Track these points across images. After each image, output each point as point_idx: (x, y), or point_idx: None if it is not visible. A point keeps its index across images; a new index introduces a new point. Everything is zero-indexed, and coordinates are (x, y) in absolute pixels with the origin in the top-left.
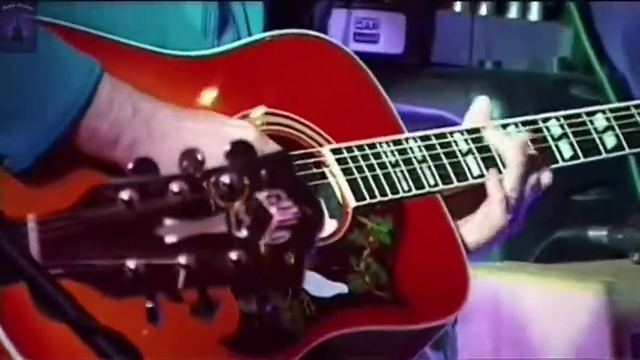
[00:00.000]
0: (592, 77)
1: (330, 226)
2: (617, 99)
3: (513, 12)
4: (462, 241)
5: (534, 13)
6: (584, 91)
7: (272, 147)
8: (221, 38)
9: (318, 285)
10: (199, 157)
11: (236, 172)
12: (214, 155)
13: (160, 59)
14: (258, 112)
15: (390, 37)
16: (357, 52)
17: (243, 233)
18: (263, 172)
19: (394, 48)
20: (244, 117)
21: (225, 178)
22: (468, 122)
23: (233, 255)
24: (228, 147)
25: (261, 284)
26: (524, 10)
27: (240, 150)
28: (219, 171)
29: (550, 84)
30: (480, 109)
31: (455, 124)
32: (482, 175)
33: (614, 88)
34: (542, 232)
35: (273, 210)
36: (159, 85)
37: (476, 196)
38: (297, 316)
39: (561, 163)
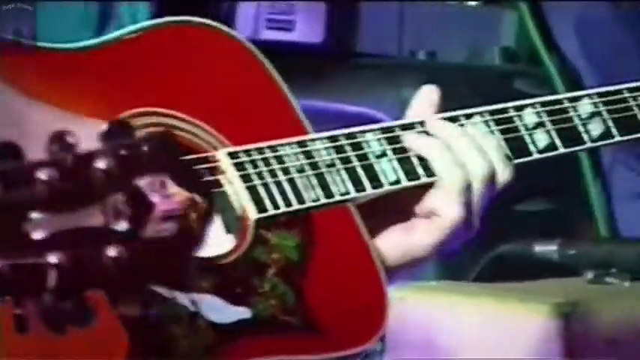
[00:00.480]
0: (539, 69)
1: (228, 242)
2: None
3: None
4: (396, 257)
5: None
6: (530, 84)
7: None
8: (104, 30)
9: (216, 310)
10: (70, 139)
11: (113, 155)
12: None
13: (39, 53)
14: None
15: (307, 24)
16: (269, 42)
17: (123, 226)
18: (144, 154)
19: (312, 37)
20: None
21: (101, 163)
22: (410, 116)
23: (111, 251)
24: (104, 127)
25: (145, 283)
26: None
27: (117, 131)
28: (93, 155)
29: (491, 77)
30: (426, 101)
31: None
32: (398, 181)
33: (564, 81)
34: (482, 248)
35: (155, 198)
36: (38, 81)
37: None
38: (194, 346)
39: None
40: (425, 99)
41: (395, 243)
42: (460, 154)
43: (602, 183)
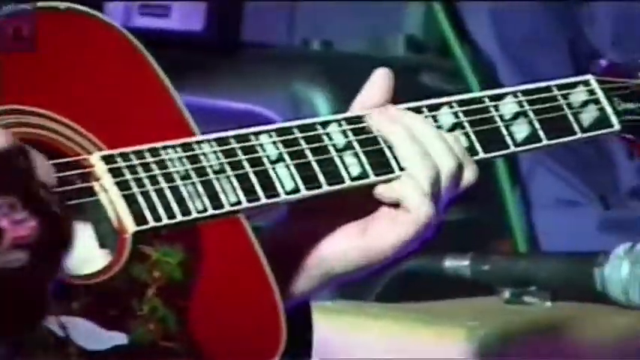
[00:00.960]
0: (449, 61)
1: (102, 258)
2: (482, 89)
3: None
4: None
5: None
6: (439, 78)
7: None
8: None
9: (89, 335)
10: None
11: None
12: None
13: None
14: None
15: (185, 9)
16: (142, 30)
17: None
18: None
19: (191, 23)
20: None
21: None
22: (357, 107)
23: None
24: None
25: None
26: None
27: None
28: None
29: (395, 69)
30: (378, 89)
31: (271, 122)
32: (296, 190)
33: (478, 75)
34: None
35: (4, 223)
36: None
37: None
38: None
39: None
40: (376, 87)
41: (350, 244)
42: (427, 145)
43: (520, 189)
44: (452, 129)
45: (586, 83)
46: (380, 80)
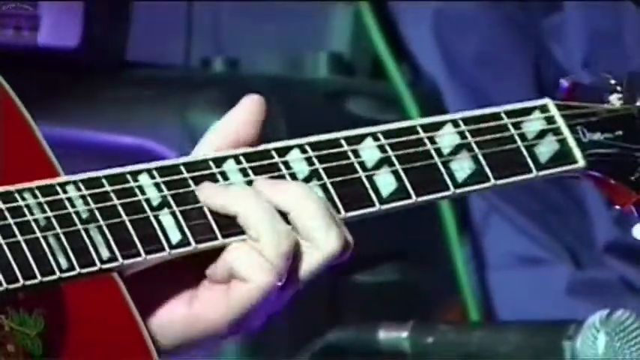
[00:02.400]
0: (382, 84)
1: None
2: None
3: None
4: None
5: None
6: (369, 105)
7: None
8: None
9: None
10: None
11: None
12: None
13: None
14: None
15: (57, 21)
16: (5, 46)
17: None
18: None
19: (65, 38)
20: None
21: None
22: (207, 144)
23: None
24: None
25: None
26: None
27: None
28: None
29: (315, 94)
30: (246, 117)
31: (164, 159)
32: (186, 243)
33: (418, 101)
34: (307, 333)
35: None
36: None
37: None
38: None
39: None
40: (245, 114)
41: (176, 313)
42: (301, 219)
43: (470, 244)
44: (377, 167)
45: (543, 109)
46: (245, 109)
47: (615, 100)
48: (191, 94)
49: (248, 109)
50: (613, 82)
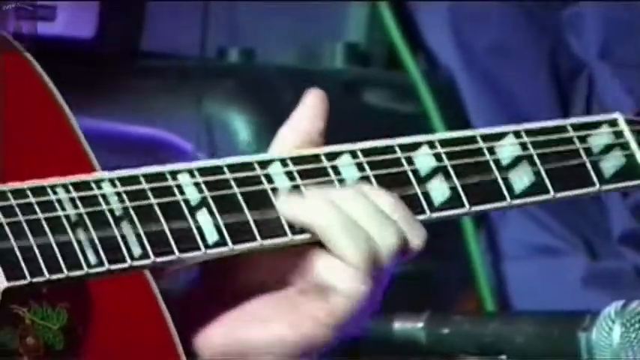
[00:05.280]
0: (399, 76)
1: None
2: (440, 110)
3: None
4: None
5: None
6: (385, 96)
7: None
8: None
9: None
10: None
11: None
12: None
13: None
14: None
15: (73, 11)
16: (20, 35)
17: None
18: None
19: (80, 29)
20: None
21: None
22: (280, 143)
23: None
24: None
25: None
26: None
27: None
28: None
29: (331, 85)
30: (310, 116)
31: (179, 150)
32: (222, 243)
33: (434, 92)
34: None
35: None
36: None
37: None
38: None
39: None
40: (308, 114)
41: (277, 337)
42: (360, 219)
43: (486, 235)
44: (431, 175)
45: (612, 123)
46: (313, 105)
47: None
48: (207, 85)
49: (313, 104)
50: None
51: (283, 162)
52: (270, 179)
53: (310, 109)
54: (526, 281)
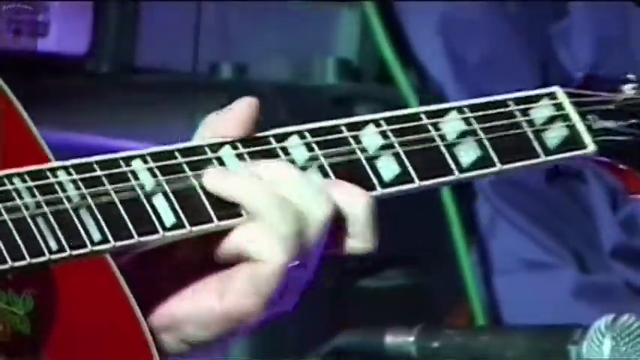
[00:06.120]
0: (390, 90)
1: None
2: None
3: None
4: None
5: None
6: (377, 110)
7: None
8: None
9: None
10: None
11: None
12: None
13: None
14: None
15: (67, 28)
16: (16, 52)
17: None
18: None
19: (73, 45)
20: None
21: None
22: (205, 132)
23: None
24: None
25: None
26: None
27: None
28: None
29: (322, 100)
30: (235, 122)
31: None
32: (180, 225)
33: (425, 106)
34: (316, 337)
35: None
36: None
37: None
38: None
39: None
40: (234, 120)
41: (206, 307)
42: (288, 192)
43: (477, 249)
44: (379, 151)
45: (552, 96)
46: (241, 112)
47: (630, 90)
48: (199, 100)
49: (240, 111)
50: (630, 75)
51: (233, 145)
52: (221, 161)
53: (235, 117)
54: (517, 295)
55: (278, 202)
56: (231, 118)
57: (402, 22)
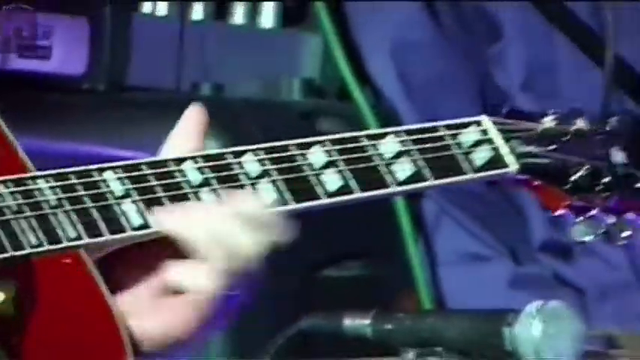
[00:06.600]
0: (349, 106)
1: None
2: None
3: (239, 16)
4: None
5: (268, 17)
6: (338, 124)
7: None
8: None
9: None
10: None
11: None
12: None
13: None
14: None
15: (67, 51)
16: (21, 72)
17: None
18: None
19: (73, 67)
20: None
21: None
22: (171, 144)
23: None
24: None
25: None
26: (253, 13)
27: None
28: None
29: (290, 115)
30: (192, 124)
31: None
32: (146, 226)
33: (379, 120)
34: (281, 322)
35: None
36: None
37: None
38: None
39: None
40: (190, 122)
41: (146, 333)
42: (223, 232)
43: (424, 243)
44: (324, 167)
45: (479, 123)
46: (192, 119)
47: (550, 122)
48: (182, 115)
49: (187, 121)
50: (549, 110)
51: (194, 159)
52: (183, 174)
53: (188, 125)
54: (459, 284)
55: (214, 242)
56: (181, 127)
57: (359, 46)
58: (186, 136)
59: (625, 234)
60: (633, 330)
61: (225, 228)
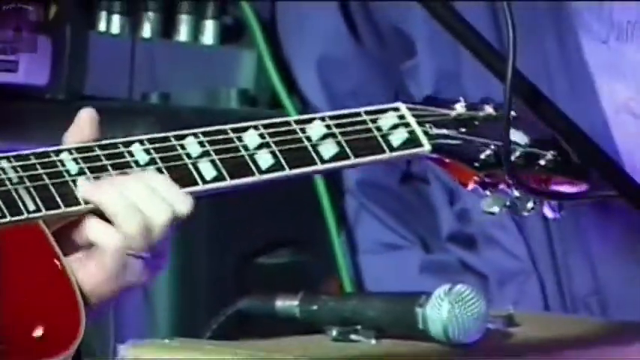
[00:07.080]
0: (280, 113)
1: None
2: None
3: (184, 34)
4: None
5: (209, 35)
6: None
7: None
8: None
9: None
10: None
11: None
12: None
13: None
14: None
15: (31, 64)
16: None
17: None
18: None
19: (37, 78)
20: None
21: None
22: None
23: None
24: None
25: None
26: (196, 31)
27: None
28: None
29: (228, 121)
30: (82, 128)
31: None
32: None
33: None
34: (220, 303)
35: None
36: None
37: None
38: None
39: (201, 187)
40: (81, 127)
41: (88, 275)
42: (137, 200)
43: (346, 234)
44: (258, 148)
45: (396, 109)
46: (84, 120)
47: (460, 108)
48: (133, 121)
49: (78, 122)
50: (461, 98)
51: (141, 142)
52: (131, 154)
53: (81, 125)
54: (377, 270)
55: (131, 210)
56: (74, 127)
57: (289, 60)
58: (79, 128)
59: (529, 206)
60: (529, 310)
61: (137, 196)
